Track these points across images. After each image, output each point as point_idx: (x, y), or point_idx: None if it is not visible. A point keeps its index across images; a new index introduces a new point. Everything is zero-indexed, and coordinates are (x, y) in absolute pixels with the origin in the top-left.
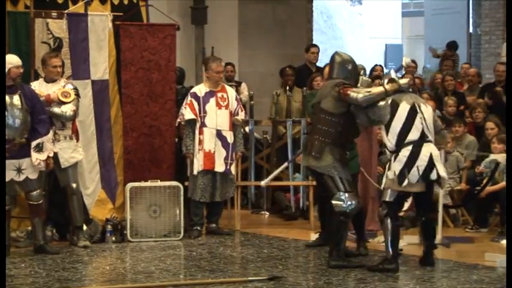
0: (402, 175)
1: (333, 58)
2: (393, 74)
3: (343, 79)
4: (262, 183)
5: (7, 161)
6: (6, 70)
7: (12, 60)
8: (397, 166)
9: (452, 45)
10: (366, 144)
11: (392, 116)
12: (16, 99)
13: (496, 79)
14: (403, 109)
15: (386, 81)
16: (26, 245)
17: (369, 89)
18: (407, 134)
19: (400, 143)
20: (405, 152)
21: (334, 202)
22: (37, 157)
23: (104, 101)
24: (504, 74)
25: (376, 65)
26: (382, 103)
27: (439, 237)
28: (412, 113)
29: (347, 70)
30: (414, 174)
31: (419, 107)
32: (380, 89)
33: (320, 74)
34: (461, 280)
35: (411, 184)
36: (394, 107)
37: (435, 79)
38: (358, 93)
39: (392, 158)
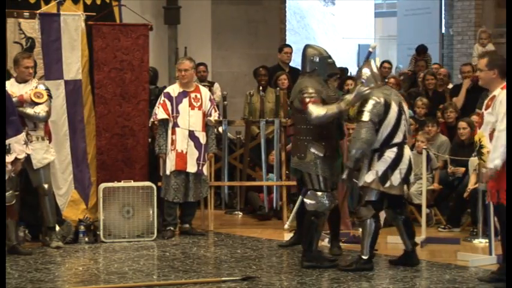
0: (385, 176)
1: (303, 51)
2: (374, 65)
3: (311, 72)
4: (286, 226)
5: None
6: None
7: None
8: (380, 166)
9: (421, 50)
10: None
11: (385, 116)
12: None
13: (464, 80)
14: (394, 110)
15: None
16: None
17: (324, 109)
18: (394, 136)
19: (386, 143)
20: (390, 153)
21: (305, 200)
22: None
23: (77, 101)
24: (470, 75)
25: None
26: (372, 102)
27: (423, 237)
28: (399, 115)
29: (314, 63)
30: (397, 177)
31: (402, 106)
32: (334, 109)
33: (285, 73)
34: (434, 280)
35: (392, 186)
36: (387, 107)
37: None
38: (313, 111)
39: (376, 157)
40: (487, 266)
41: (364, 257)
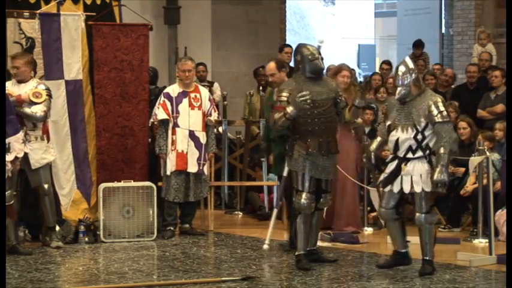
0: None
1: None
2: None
3: (296, 71)
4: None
5: None
6: None
7: None
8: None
9: (419, 44)
10: (351, 143)
11: None
12: None
13: (468, 80)
14: None
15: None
16: None
17: (276, 116)
18: None
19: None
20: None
21: (293, 199)
22: None
23: (78, 101)
24: (475, 75)
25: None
26: (440, 100)
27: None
28: None
29: (297, 62)
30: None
31: None
32: (281, 114)
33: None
34: (434, 279)
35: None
36: None
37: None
38: (271, 119)
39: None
40: (487, 266)
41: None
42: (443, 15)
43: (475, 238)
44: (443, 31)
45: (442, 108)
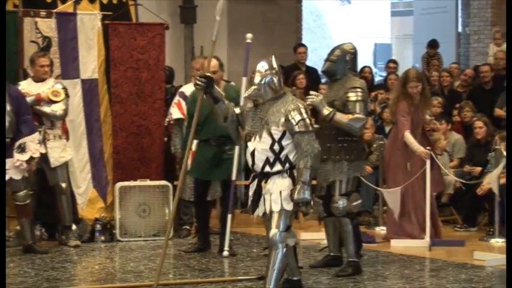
0: None
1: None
2: None
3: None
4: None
5: None
6: None
7: None
8: None
9: (433, 44)
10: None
11: None
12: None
13: (482, 80)
14: None
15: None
16: (15, 245)
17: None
18: None
19: None
20: None
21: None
22: (18, 158)
23: (93, 100)
24: (488, 75)
25: (364, 67)
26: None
27: (427, 239)
28: None
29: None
30: None
31: None
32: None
33: (303, 73)
34: (450, 279)
35: None
36: None
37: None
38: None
39: None
40: (504, 265)
41: None
42: (459, 14)
43: (491, 238)
44: (459, 30)
45: (304, 116)
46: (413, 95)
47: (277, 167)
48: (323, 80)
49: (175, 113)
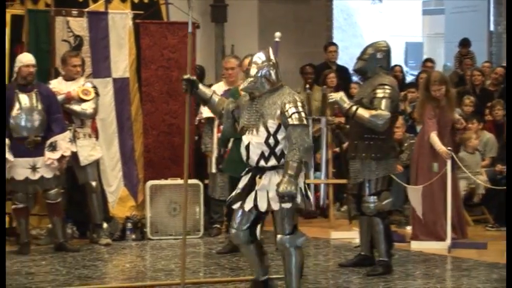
0: None
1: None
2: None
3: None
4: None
5: (22, 159)
6: (17, 69)
7: (23, 59)
8: None
9: (465, 43)
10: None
11: None
12: (32, 98)
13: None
14: None
15: None
16: (46, 243)
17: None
18: None
19: None
20: None
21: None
22: (49, 156)
23: (125, 99)
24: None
25: (395, 66)
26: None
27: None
28: None
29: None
30: None
31: None
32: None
33: (334, 71)
34: (482, 279)
35: None
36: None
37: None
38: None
39: None
40: None
41: None
42: (491, 13)
43: None
44: (491, 29)
45: (299, 109)
46: (437, 98)
47: (272, 161)
48: (354, 79)
49: (205, 112)
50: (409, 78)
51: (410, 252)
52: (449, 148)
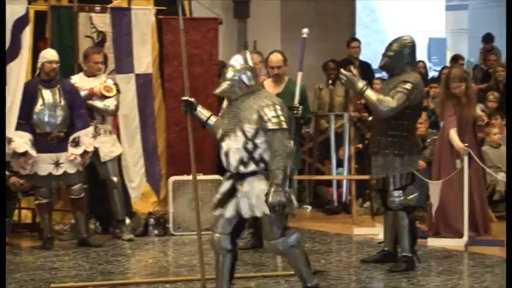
0: None
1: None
2: None
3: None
4: None
5: (45, 155)
6: (40, 65)
7: (46, 55)
8: None
9: (488, 39)
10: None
11: None
12: (55, 94)
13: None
14: None
15: None
16: (69, 238)
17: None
18: None
19: None
20: None
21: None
22: (72, 152)
23: (147, 94)
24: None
25: (418, 61)
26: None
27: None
28: None
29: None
30: None
31: None
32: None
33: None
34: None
35: None
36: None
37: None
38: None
39: None
40: None
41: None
42: None
43: None
44: None
45: (278, 112)
46: (457, 95)
47: (252, 166)
48: (377, 75)
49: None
50: (431, 74)
51: (433, 248)
52: (466, 144)
